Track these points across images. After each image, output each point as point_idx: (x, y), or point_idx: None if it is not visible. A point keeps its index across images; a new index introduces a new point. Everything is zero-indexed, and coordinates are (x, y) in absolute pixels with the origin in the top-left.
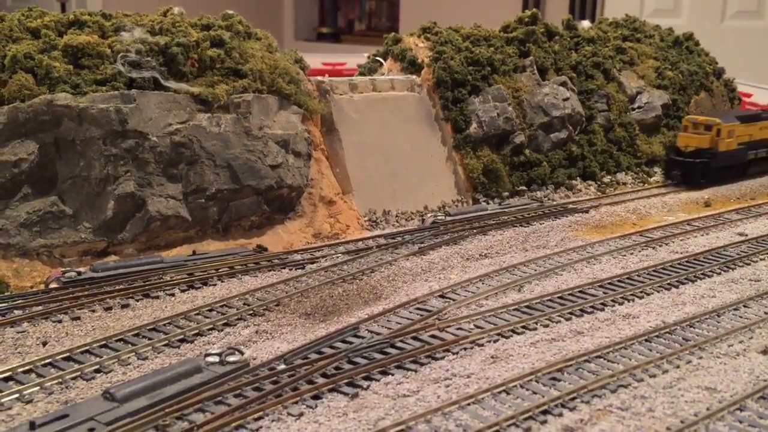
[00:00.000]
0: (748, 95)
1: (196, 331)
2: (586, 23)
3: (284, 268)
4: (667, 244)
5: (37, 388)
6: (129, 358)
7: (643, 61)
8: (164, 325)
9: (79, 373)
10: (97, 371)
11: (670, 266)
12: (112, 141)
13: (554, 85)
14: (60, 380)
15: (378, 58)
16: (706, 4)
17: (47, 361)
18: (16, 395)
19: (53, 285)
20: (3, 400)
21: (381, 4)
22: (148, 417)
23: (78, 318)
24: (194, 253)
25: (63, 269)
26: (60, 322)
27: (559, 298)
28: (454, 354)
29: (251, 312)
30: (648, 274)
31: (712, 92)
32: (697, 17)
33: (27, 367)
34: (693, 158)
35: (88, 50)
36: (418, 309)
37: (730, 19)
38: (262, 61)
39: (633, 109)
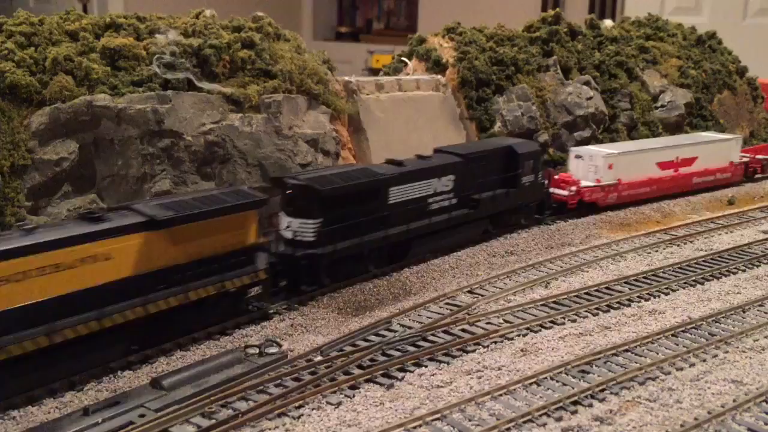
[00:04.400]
0: None
1: None
2: (608, 22)
3: None
4: (691, 242)
5: None
6: None
7: (666, 60)
8: None
9: None
10: None
11: (695, 263)
12: (149, 140)
13: (577, 84)
14: None
15: (403, 58)
16: (728, 2)
17: None
18: None
19: None
20: None
21: (399, 4)
22: (194, 404)
23: None
24: None
25: None
26: None
27: (586, 294)
28: (484, 347)
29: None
30: (673, 271)
31: (735, 91)
32: (718, 15)
33: None
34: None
35: (125, 52)
36: (447, 304)
37: (752, 16)
38: (291, 61)
39: (656, 108)
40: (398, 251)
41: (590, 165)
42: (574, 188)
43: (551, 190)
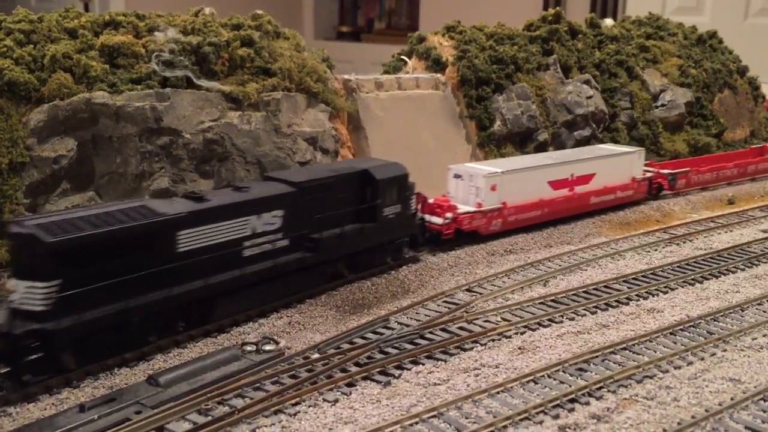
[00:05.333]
0: None
1: None
2: (609, 21)
3: None
4: (690, 241)
5: None
6: None
7: (666, 59)
8: None
9: None
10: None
11: (694, 262)
12: (148, 138)
13: (578, 83)
14: None
15: (403, 56)
16: (730, 2)
17: None
18: None
19: None
20: None
21: (401, 3)
22: (190, 401)
23: None
24: None
25: None
26: None
27: (584, 292)
28: (482, 345)
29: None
30: (672, 269)
31: (736, 90)
32: (720, 15)
33: None
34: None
35: (124, 50)
36: (445, 302)
37: (754, 16)
38: (291, 59)
39: (656, 107)
40: (196, 313)
41: (470, 186)
42: (449, 215)
43: (425, 217)
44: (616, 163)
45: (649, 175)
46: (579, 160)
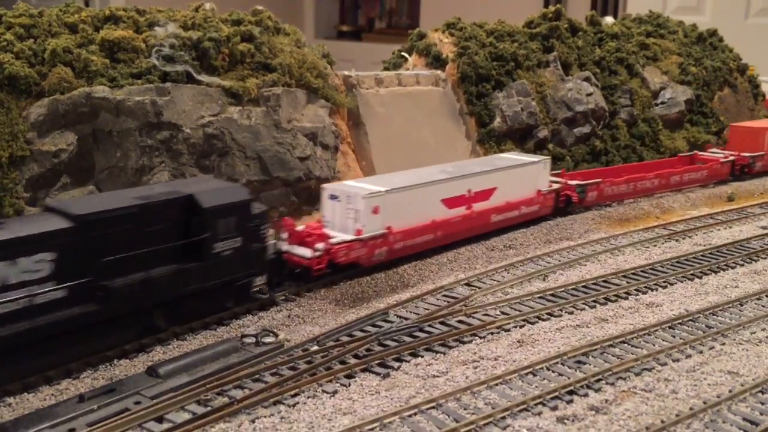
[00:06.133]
0: None
1: None
2: (609, 19)
3: None
4: (690, 237)
5: None
6: None
7: (666, 56)
8: None
9: None
10: None
11: (693, 257)
12: (148, 132)
13: (578, 81)
14: None
15: (403, 53)
16: (730, 1)
17: None
18: None
19: None
20: None
21: (401, 2)
22: (190, 392)
23: None
24: None
25: None
26: None
27: (584, 287)
28: (481, 338)
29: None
30: (671, 265)
31: (736, 88)
32: (721, 14)
33: None
34: None
35: (124, 44)
36: (445, 296)
37: (755, 16)
38: (291, 55)
39: (656, 105)
40: None
41: (349, 209)
42: (320, 246)
43: (289, 249)
44: (520, 175)
45: (556, 187)
46: (477, 173)
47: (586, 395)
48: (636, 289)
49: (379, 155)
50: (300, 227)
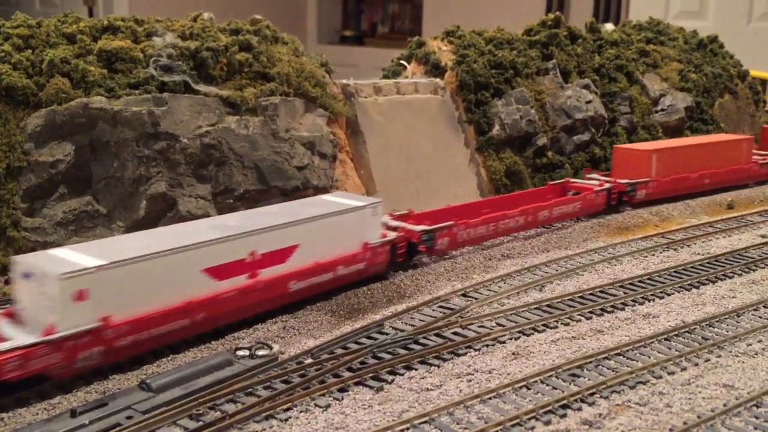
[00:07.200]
0: None
1: None
2: (609, 26)
3: None
4: (688, 246)
5: None
6: None
7: (666, 63)
8: None
9: None
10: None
11: (691, 267)
12: (145, 143)
13: (577, 88)
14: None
15: (402, 61)
16: (733, 6)
17: None
18: None
19: None
20: None
21: (404, 7)
22: (182, 406)
23: None
24: None
25: None
26: None
27: (580, 297)
28: (476, 350)
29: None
30: (669, 274)
31: (736, 95)
32: (723, 19)
33: None
34: None
35: (122, 55)
36: (440, 307)
37: (758, 20)
38: (289, 64)
39: (656, 112)
40: None
41: (42, 293)
42: None
43: None
44: (335, 226)
45: (392, 236)
46: (266, 228)
47: (579, 409)
48: (633, 300)
49: (378, 164)
50: None
